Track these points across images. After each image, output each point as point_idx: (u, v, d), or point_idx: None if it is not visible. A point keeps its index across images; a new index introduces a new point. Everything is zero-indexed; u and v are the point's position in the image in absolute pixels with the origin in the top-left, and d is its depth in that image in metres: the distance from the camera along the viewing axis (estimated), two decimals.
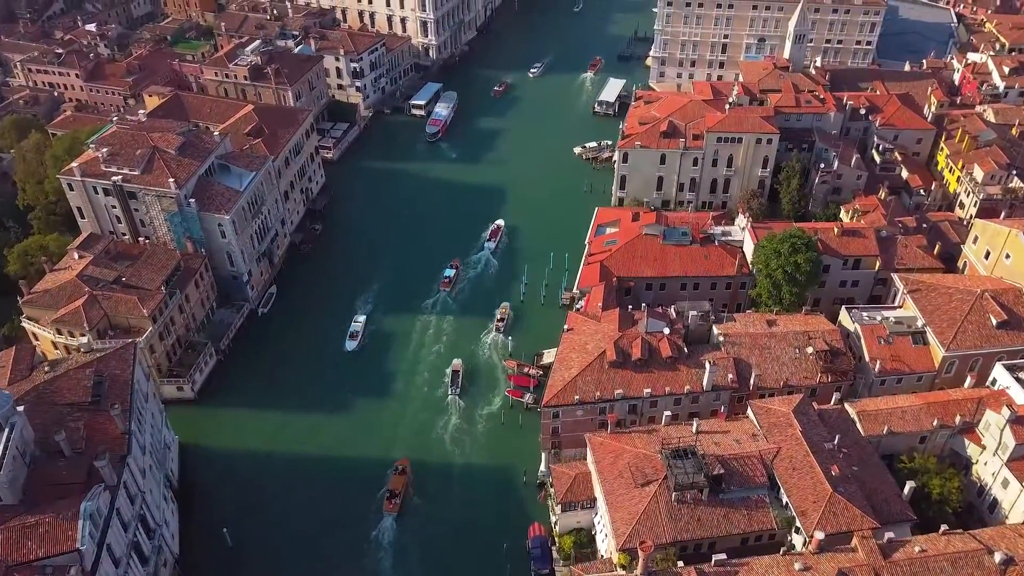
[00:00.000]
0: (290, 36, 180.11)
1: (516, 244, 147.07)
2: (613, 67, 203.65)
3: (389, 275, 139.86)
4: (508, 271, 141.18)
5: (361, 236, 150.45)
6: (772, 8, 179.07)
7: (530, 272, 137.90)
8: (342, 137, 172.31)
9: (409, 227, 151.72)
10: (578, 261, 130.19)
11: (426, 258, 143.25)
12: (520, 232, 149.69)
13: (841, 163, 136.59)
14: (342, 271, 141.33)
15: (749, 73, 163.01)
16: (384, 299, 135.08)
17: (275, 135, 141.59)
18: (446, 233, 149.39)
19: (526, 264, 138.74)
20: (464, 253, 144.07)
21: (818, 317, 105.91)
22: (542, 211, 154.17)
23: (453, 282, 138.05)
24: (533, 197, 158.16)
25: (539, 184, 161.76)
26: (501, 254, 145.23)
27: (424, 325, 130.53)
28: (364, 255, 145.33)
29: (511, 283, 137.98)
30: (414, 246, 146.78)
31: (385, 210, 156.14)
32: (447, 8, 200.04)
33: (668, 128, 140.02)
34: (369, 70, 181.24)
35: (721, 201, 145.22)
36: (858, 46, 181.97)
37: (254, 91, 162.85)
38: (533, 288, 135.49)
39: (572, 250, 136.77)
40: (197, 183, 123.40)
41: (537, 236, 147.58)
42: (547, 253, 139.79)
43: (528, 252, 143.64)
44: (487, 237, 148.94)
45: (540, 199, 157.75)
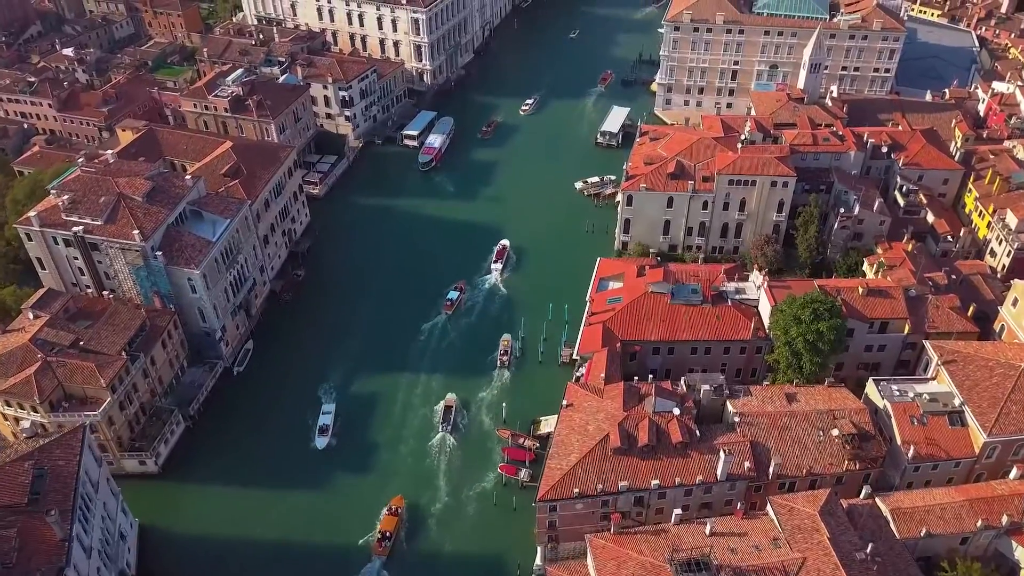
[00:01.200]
0: (276, 63, 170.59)
1: (513, 292, 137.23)
2: (616, 93, 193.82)
3: (375, 321, 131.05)
4: (508, 303, 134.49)
5: (347, 280, 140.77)
6: (785, 34, 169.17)
7: (527, 324, 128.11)
8: (329, 171, 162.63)
9: (399, 267, 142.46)
10: (578, 311, 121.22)
11: (416, 298, 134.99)
12: (517, 278, 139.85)
13: (863, 208, 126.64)
14: (325, 321, 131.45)
15: (761, 105, 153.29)
16: (369, 348, 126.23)
17: (254, 175, 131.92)
18: (436, 273, 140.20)
19: (523, 317, 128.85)
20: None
21: (842, 391, 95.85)
22: (541, 254, 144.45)
23: (456, 305, 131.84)
24: (531, 237, 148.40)
25: (538, 222, 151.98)
26: (502, 286, 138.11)
27: (415, 366, 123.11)
28: (349, 301, 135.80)
29: (512, 314, 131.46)
30: (403, 287, 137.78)
31: (373, 249, 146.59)
32: (442, 31, 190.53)
33: (676, 169, 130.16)
34: (359, 98, 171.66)
35: (733, 246, 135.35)
36: (876, 73, 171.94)
37: (235, 124, 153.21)
38: (530, 343, 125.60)
39: (572, 299, 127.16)
40: (166, 233, 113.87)
41: (535, 282, 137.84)
42: (546, 303, 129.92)
43: (525, 301, 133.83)
44: (492, 259, 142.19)
45: (539, 240, 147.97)
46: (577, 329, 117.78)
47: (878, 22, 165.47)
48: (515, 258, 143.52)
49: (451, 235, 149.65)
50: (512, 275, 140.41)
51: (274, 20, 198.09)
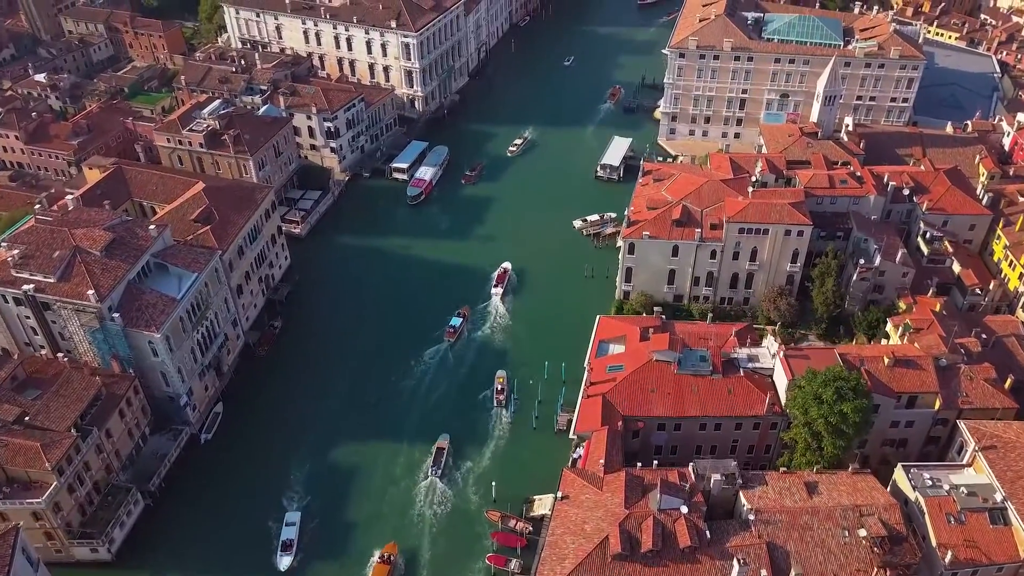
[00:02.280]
0: (257, 91, 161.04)
1: (507, 342, 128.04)
2: (618, 121, 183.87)
3: (358, 370, 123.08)
4: (505, 344, 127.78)
5: (329, 327, 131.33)
6: (797, 62, 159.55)
7: (521, 384, 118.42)
8: (312, 208, 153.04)
9: (385, 309, 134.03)
10: (575, 368, 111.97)
11: (405, 339, 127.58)
12: (511, 328, 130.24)
13: (884, 258, 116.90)
14: (303, 376, 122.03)
15: (772, 140, 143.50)
16: (350, 403, 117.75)
17: (227, 221, 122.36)
18: (425, 313, 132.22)
19: (516, 376, 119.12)
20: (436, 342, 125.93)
21: (868, 480, 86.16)
22: (537, 302, 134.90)
23: (459, 333, 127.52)
24: (527, 282, 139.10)
25: (534, 265, 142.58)
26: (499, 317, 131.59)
27: (404, 410, 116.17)
28: (331, 351, 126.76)
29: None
30: (390, 329, 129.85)
31: (358, 291, 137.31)
32: (435, 56, 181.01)
33: (681, 215, 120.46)
34: (346, 129, 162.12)
35: (743, 297, 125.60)
36: (893, 103, 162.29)
37: (211, 160, 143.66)
38: (524, 406, 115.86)
39: (570, 355, 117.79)
40: (126, 290, 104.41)
41: (529, 333, 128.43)
42: (541, 360, 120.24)
43: (520, 355, 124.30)
44: (493, 282, 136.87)
45: (535, 285, 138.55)
46: (574, 389, 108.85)
47: (896, 50, 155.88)
48: (507, 309, 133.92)
49: (439, 275, 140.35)
50: (506, 324, 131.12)
51: (259, 43, 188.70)
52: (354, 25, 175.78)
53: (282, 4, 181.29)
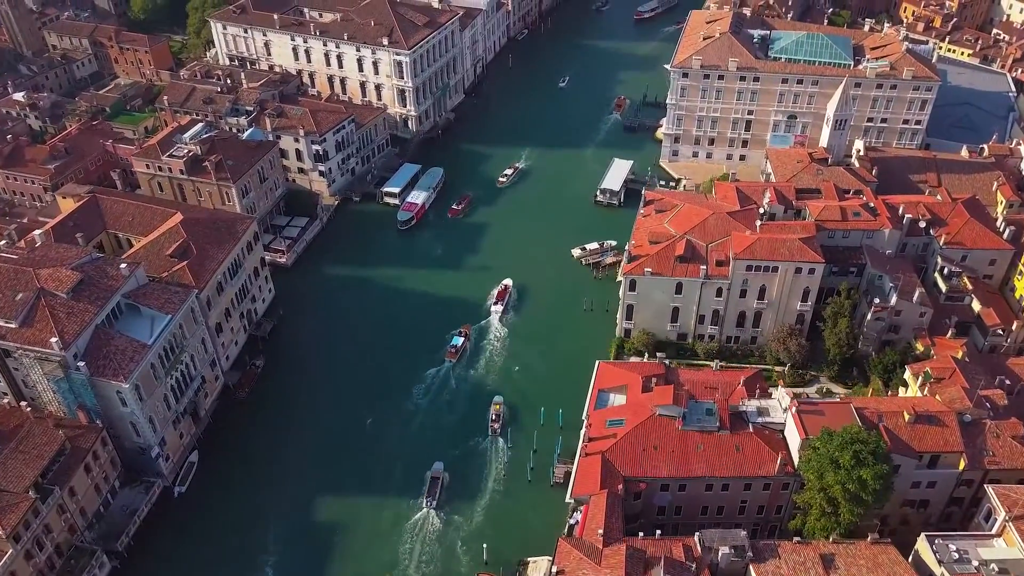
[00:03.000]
0: (242, 112, 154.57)
1: (506, 366, 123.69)
2: (618, 141, 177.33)
3: (345, 408, 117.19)
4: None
5: (314, 364, 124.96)
6: (805, 82, 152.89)
7: (515, 431, 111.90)
8: (299, 236, 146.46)
9: (375, 343, 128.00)
10: (573, 413, 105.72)
11: (395, 375, 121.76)
12: (508, 363, 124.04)
13: (901, 297, 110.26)
14: (286, 418, 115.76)
15: (780, 165, 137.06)
16: (335, 448, 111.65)
17: (206, 255, 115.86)
18: (414, 345, 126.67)
19: (510, 427, 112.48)
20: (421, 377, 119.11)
21: (890, 552, 79.50)
22: (533, 337, 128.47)
23: (461, 352, 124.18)
24: (524, 314, 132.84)
25: (530, 296, 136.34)
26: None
27: (396, 443, 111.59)
28: (316, 390, 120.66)
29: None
30: (380, 366, 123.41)
31: (345, 324, 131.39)
32: (428, 74, 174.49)
33: (685, 251, 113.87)
34: (335, 151, 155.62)
35: (751, 336, 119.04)
36: (906, 125, 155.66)
37: (192, 187, 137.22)
38: (518, 455, 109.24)
39: (567, 399, 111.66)
40: (93, 335, 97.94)
41: (526, 375, 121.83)
42: (536, 405, 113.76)
43: (515, 391, 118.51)
44: (493, 299, 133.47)
45: (531, 319, 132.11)
46: (572, 435, 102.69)
47: (909, 70, 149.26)
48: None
49: (431, 305, 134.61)
50: (505, 346, 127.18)
51: (247, 59, 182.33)
52: (344, 42, 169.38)
53: (271, 20, 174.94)
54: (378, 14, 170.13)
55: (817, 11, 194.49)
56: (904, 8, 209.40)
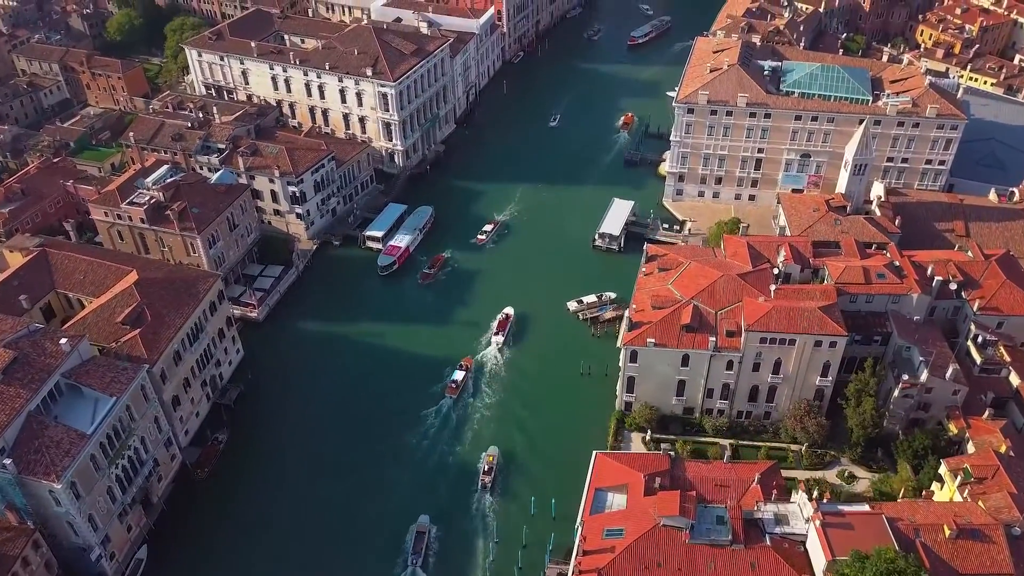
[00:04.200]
0: (214, 150, 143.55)
1: (503, 406, 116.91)
2: (618, 177, 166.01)
3: (320, 482, 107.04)
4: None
5: (285, 435, 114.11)
6: (820, 119, 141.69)
7: (503, 524, 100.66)
8: (273, 287, 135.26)
9: (351, 406, 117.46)
10: (566, 504, 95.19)
11: (372, 441, 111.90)
12: (501, 410, 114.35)
13: (932, 374, 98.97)
14: (251, 502, 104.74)
15: (794, 213, 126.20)
16: (309, 531, 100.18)
17: (161, 322, 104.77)
18: (393, 408, 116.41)
19: (495, 521, 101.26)
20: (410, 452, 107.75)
21: None
22: (526, 404, 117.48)
23: (461, 386, 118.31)
24: (513, 377, 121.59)
25: (521, 355, 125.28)
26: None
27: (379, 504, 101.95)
28: (286, 465, 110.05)
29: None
30: (358, 431, 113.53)
31: (320, 386, 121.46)
32: (416, 105, 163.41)
33: (692, 318, 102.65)
34: (313, 192, 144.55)
35: (764, 411, 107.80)
36: (928, 166, 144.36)
37: (155, 237, 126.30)
38: (504, 552, 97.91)
39: (562, 486, 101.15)
40: (24, 425, 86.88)
41: (514, 452, 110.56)
42: (526, 494, 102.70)
43: (500, 485, 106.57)
44: (494, 330, 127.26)
45: (522, 383, 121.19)
46: (565, 528, 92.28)
47: (932, 107, 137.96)
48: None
49: (411, 360, 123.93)
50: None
51: (224, 88, 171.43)
52: (326, 72, 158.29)
53: (248, 48, 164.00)
54: (362, 42, 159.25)
55: (830, 36, 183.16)
56: (921, 31, 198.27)
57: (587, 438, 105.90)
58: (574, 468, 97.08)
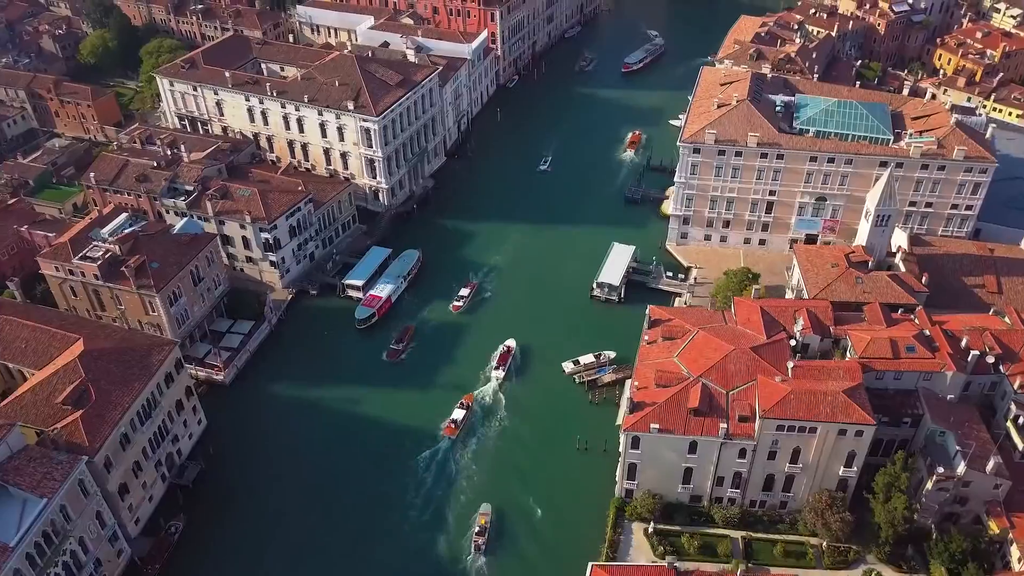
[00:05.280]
0: (181, 192, 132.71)
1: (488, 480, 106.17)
2: (618, 215, 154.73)
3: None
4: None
5: (250, 518, 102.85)
6: (837, 161, 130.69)
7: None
8: (242, 345, 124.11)
9: (327, 476, 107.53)
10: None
11: (351, 519, 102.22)
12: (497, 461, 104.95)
13: (970, 466, 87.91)
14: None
15: (811, 268, 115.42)
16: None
17: (107, 401, 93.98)
18: (371, 492, 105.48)
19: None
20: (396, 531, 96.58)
21: None
22: (518, 479, 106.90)
23: (462, 425, 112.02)
24: (506, 448, 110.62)
25: (515, 423, 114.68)
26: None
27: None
28: (251, 551, 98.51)
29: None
30: (334, 502, 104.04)
31: (293, 458, 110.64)
32: (402, 139, 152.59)
33: (701, 402, 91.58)
34: (289, 238, 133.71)
35: (780, 500, 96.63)
36: (954, 211, 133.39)
37: (110, 294, 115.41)
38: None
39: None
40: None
41: (509, 515, 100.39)
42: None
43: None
44: (494, 364, 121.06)
45: (515, 454, 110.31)
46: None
47: (960, 149, 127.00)
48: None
49: (388, 430, 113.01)
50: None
51: (198, 119, 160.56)
52: (305, 105, 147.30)
53: (222, 78, 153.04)
54: (344, 72, 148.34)
55: (844, 64, 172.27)
56: (939, 56, 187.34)
57: (581, 532, 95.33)
58: (569, 554, 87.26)
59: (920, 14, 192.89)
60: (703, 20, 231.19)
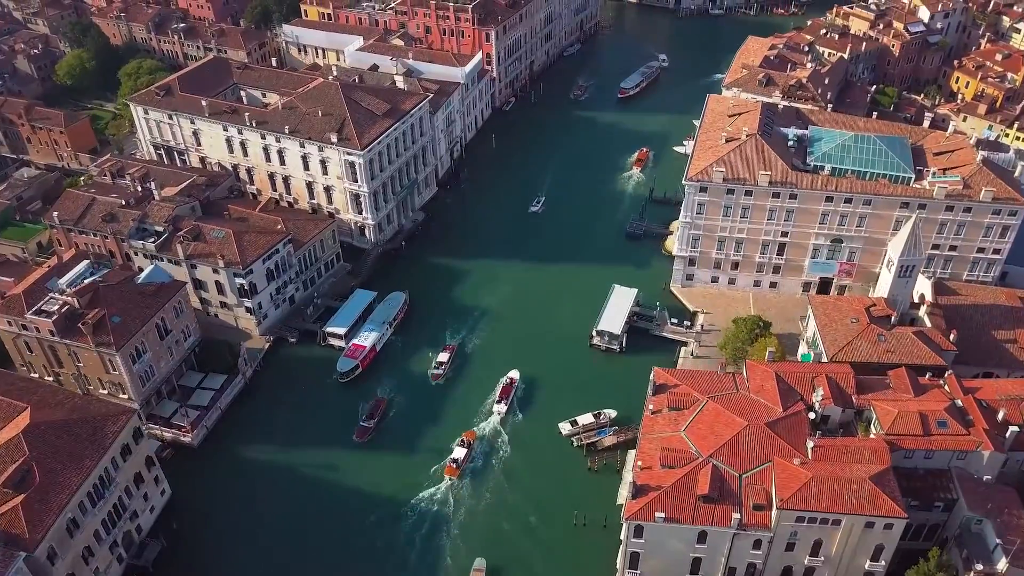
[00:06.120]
0: (151, 233, 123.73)
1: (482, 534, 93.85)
2: (619, 252, 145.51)
3: None
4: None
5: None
6: (855, 201, 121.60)
7: None
8: (213, 402, 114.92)
9: (302, 559, 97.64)
10: None
11: None
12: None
13: (1013, 564, 78.73)
14: None
15: (828, 323, 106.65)
16: None
17: (54, 481, 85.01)
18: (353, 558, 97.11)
19: None
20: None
21: None
22: (510, 558, 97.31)
23: (463, 464, 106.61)
24: (493, 536, 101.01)
25: (507, 491, 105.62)
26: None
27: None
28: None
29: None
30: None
31: (263, 535, 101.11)
32: (390, 172, 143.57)
33: (712, 486, 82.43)
34: (266, 282, 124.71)
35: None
36: (980, 255, 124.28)
37: (67, 351, 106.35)
38: None
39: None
40: None
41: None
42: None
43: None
44: (496, 398, 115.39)
45: (507, 529, 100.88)
46: None
47: (987, 191, 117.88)
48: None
49: (371, 495, 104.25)
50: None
51: (175, 149, 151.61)
52: (286, 136, 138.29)
53: (199, 106, 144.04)
54: (327, 101, 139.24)
55: (857, 89, 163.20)
56: (956, 79, 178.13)
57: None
58: None
59: (936, 35, 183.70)
60: (704, 37, 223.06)
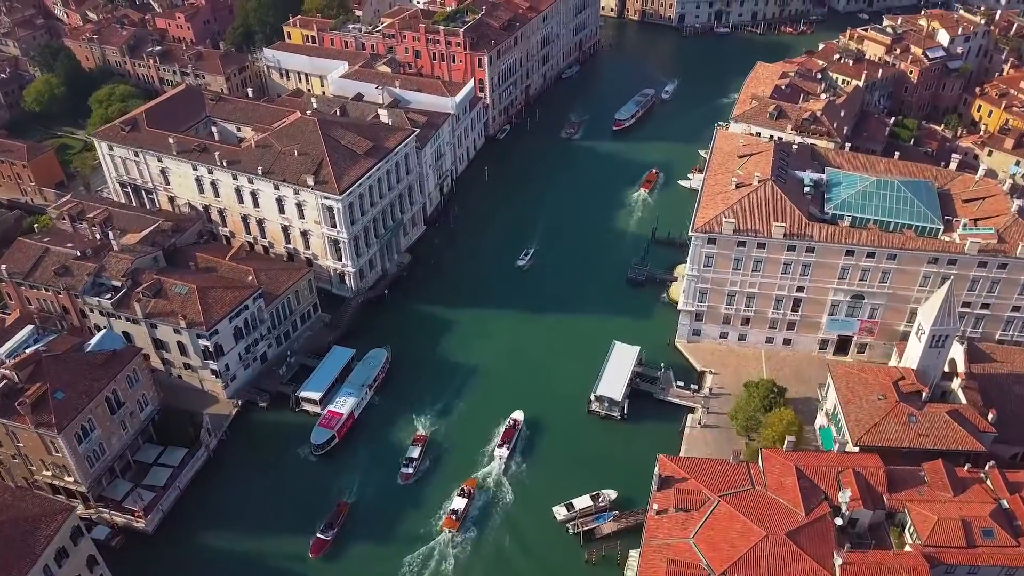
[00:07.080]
0: (107, 288, 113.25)
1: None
2: (619, 301, 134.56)
3: None
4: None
5: None
6: (878, 256, 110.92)
7: None
8: (170, 482, 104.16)
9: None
10: None
11: None
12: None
13: None
14: None
15: (852, 399, 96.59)
16: None
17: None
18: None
19: None
20: None
21: None
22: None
23: (463, 517, 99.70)
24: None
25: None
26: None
27: None
28: None
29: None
30: None
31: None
32: (372, 215, 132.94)
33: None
34: (234, 342, 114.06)
35: None
36: (1016, 313, 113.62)
37: (5, 432, 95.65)
38: None
39: None
40: None
41: None
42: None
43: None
44: (498, 442, 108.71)
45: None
46: None
47: (1023, 245, 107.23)
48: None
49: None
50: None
51: (142, 188, 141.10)
52: (259, 178, 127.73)
53: (166, 143, 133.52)
54: (304, 139, 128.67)
55: (875, 120, 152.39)
56: (978, 107, 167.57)
57: None
58: None
59: (957, 60, 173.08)
60: (708, 57, 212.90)
